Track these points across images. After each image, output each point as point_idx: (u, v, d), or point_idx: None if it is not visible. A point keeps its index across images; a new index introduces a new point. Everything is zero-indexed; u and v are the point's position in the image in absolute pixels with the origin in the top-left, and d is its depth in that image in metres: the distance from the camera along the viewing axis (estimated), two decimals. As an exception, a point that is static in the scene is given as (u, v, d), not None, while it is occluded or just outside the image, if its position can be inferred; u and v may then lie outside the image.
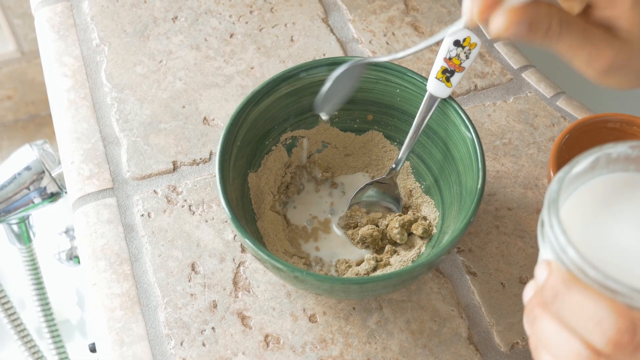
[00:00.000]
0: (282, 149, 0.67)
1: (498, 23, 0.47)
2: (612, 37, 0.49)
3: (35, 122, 1.85)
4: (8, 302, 1.12)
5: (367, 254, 0.64)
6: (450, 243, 0.55)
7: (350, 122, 0.69)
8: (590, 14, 0.50)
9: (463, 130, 0.61)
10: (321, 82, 0.65)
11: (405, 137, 0.64)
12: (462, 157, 0.61)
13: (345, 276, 0.62)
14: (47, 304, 1.15)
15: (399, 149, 0.68)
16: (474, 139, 0.60)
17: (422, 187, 0.67)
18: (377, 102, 0.67)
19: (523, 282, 0.65)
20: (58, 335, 1.18)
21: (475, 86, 0.76)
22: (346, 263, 0.64)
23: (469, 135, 0.60)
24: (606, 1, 0.49)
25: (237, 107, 0.62)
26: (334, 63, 0.64)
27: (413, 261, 0.62)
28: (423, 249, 0.63)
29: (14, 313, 1.13)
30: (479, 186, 0.57)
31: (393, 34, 0.80)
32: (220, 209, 0.69)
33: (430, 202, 0.66)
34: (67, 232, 1.12)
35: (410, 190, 0.67)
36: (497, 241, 0.67)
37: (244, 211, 0.62)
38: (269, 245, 0.63)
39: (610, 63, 0.49)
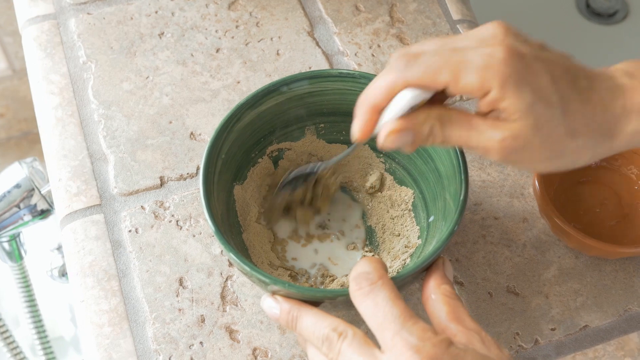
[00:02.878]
0: (268, 161, 0.68)
1: (382, 138, 0.51)
2: (499, 122, 0.49)
3: (28, 139, 1.86)
4: (0, 320, 1.12)
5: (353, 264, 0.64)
6: (433, 252, 0.55)
7: (336, 134, 0.69)
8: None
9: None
10: (304, 95, 0.65)
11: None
12: (446, 167, 0.62)
13: (330, 288, 0.62)
14: (40, 321, 1.14)
15: (386, 162, 0.68)
16: (456, 149, 0.60)
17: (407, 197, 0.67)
18: (361, 114, 0.67)
19: (510, 291, 0.65)
20: (52, 352, 1.18)
21: (461, 96, 0.77)
22: (331, 276, 0.64)
23: (452, 146, 0.61)
24: (478, 90, 0.48)
25: (221, 122, 0.62)
26: (315, 76, 0.64)
27: (398, 272, 0.62)
28: (408, 260, 0.63)
29: (7, 331, 1.13)
30: (462, 196, 0.58)
31: (378, 46, 0.80)
32: (207, 223, 0.69)
33: (415, 214, 0.66)
34: (59, 248, 1.12)
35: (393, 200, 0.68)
36: (484, 250, 0.67)
37: (230, 224, 0.62)
38: (255, 257, 0.63)
39: (504, 147, 0.49)
